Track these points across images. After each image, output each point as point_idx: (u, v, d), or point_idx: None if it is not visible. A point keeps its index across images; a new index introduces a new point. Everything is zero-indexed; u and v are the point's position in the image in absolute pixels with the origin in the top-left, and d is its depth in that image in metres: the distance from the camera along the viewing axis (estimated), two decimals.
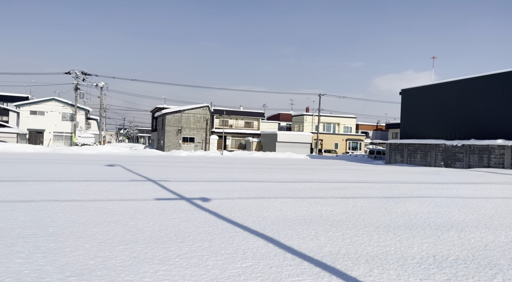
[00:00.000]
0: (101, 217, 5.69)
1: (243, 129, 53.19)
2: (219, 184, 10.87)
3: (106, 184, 9.91)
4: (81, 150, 34.36)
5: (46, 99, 46.26)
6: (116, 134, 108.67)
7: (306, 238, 4.79)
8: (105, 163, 18.78)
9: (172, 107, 47.89)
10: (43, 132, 45.98)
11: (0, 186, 8.69)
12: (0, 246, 3.99)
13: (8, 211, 5.86)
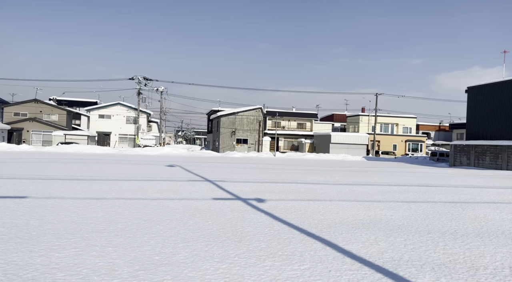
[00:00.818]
0: (164, 215, 6.00)
1: (296, 131, 52.91)
2: (273, 185, 10.92)
3: (167, 183, 10.43)
4: (143, 151, 36.48)
5: (112, 103, 49.84)
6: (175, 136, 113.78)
7: (365, 243, 4.65)
8: (165, 163, 19.76)
9: (227, 110, 49.07)
10: (109, 134, 49.55)
11: (75, 184, 9.52)
12: (78, 240, 4.37)
13: (82, 207, 6.41)
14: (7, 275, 3.17)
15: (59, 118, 48.74)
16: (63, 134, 44.91)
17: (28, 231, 4.66)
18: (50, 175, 11.37)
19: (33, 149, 35.38)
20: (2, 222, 5.06)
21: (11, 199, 6.87)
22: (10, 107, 48.19)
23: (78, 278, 3.16)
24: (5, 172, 11.86)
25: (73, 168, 14.60)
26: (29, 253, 3.78)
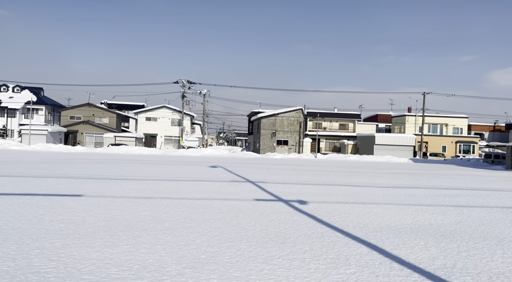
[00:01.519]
0: (208, 215, 6.14)
1: (338, 132, 51.89)
2: (315, 187, 10.79)
3: (210, 184, 10.66)
4: (187, 152, 37.57)
5: (158, 106, 51.85)
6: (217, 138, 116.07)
7: (414, 248, 4.46)
8: (208, 164, 20.21)
9: (267, 111, 49.23)
10: (156, 136, 51.58)
11: (125, 184, 10.01)
12: (129, 237, 4.60)
13: (132, 206, 6.72)
14: (67, 268, 3.41)
15: (110, 121, 51.47)
16: (113, 136, 47.36)
17: (84, 228, 4.97)
18: (102, 175, 12.05)
19: (86, 150, 37.66)
20: (62, 218, 5.44)
21: (68, 197, 7.36)
22: (66, 111, 51.62)
23: (130, 274, 3.32)
24: (63, 171, 12.73)
25: (123, 168, 15.36)
26: (85, 248, 4.03)
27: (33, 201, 6.80)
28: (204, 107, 50.04)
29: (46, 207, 6.28)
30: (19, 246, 3.99)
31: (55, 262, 3.55)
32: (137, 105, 63.42)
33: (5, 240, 4.22)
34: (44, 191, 8.07)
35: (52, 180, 10.01)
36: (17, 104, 46.78)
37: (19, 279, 3.09)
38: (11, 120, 47.44)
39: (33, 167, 14.04)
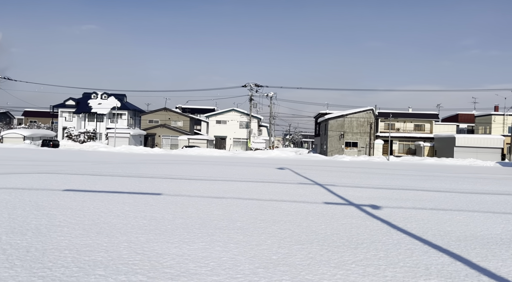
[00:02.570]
0: (278, 216, 6.20)
1: (412, 133, 48.75)
2: (388, 191, 10.28)
3: (279, 185, 10.75)
4: (255, 154, 38.29)
5: (227, 110, 53.69)
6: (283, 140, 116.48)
7: (507, 261, 4.03)
8: (275, 166, 20.38)
9: (335, 112, 48.10)
10: (225, 138, 53.42)
11: (199, 184, 10.54)
12: (204, 235, 4.84)
13: (206, 205, 7.06)
14: (151, 261, 3.70)
15: (184, 124, 54.50)
16: (187, 138, 50.08)
17: (164, 224, 5.34)
18: (178, 175, 12.82)
19: (163, 152, 40.35)
20: (144, 215, 5.91)
21: (149, 195, 7.97)
22: (146, 115, 55.83)
23: (207, 270, 3.50)
24: (144, 171, 13.81)
25: (196, 169, 16.18)
26: (166, 244, 4.34)
27: (120, 198, 7.48)
28: (271, 110, 50.54)
29: (130, 204, 6.87)
30: (110, 239, 4.43)
31: (140, 255, 3.88)
32: (208, 109, 66.33)
33: (99, 233, 4.71)
34: (129, 189, 8.83)
35: (135, 179, 10.91)
36: (105, 110, 51.80)
37: (111, 269, 3.43)
38: (100, 124, 52.66)
39: (119, 167, 15.44)
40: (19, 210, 5.87)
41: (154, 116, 55.35)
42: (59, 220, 5.29)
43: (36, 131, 49.65)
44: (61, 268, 3.37)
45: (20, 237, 4.36)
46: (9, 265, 3.40)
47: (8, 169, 13.17)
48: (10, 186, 8.52)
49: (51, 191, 7.95)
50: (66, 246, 4.06)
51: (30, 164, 16.66)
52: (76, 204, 6.63)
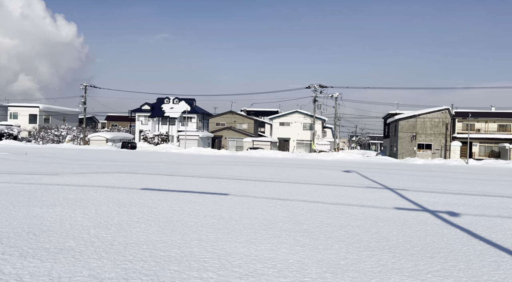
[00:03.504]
0: (345, 221, 6.04)
1: (496, 134, 44.11)
2: (468, 197, 9.44)
3: (345, 189, 10.46)
4: (319, 156, 37.69)
5: (290, 112, 53.66)
6: (349, 142, 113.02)
7: None
8: (341, 168, 19.85)
9: (406, 113, 45.42)
10: (288, 140, 53.42)
11: (264, 185, 10.68)
12: (270, 236, 4.89)
13: (271, 206, 7.12)
14: (220, 260, 3.84)
15: (248, 127, 55.65)
16: (251, 140, 51.01)
17: (232, 224, 5.50)
18: (244, 176, 13.12)
19: (229, 153, 41.58)
20: (213, 214, 6.15)
21: (218, 195, 8.27)
22: (213, 118, 58.08)
23: (274, 271, 3.53)
24: (212, 172, 14.37)
25: (261, 170, 16.41)
26: (234, 243, 4.46)
27: (191, 197, 7.87)
28: (336, 111, 49.38)
29: (200, 203, 7.19)
30: (182, 236, 4.69)
31: (210, 253, 4.04)
32: (272, 111, 66.91)
33: (172, 230, 5.01)
34: (199, 189, 9.25)
35: (204, 180, 11.41)
36: (176, 114, 54.95)
37: (184, 265, 3.63)
38: (172, 127, 55.98)
39: (189, 168, 16.26)
40: (104, 206, 6.47)
41: (220, 119, 57.35)
42: (138, 217, 5.72)
43: (116, 134, 54.34)
44: (140, 262, 3.64)
45: (105, 231, 4.81)
46: (97, 256, 3.77)
47: (94, 169, 14.60)
48: (96, 184, 9.42)
49: (130, 190, 8.63)
50: (144, 241, 4.38)
51: (112, 164, 18.28)
52: (152, 202, 7.12)
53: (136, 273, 3.34)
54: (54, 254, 3.78)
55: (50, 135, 52.42)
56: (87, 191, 8.18)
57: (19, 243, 4.10)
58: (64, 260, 3.59)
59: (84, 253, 3.85)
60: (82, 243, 4.21)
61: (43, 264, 3.46)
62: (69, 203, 6.68)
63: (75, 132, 53.81)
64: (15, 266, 3.38)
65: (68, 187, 8.62)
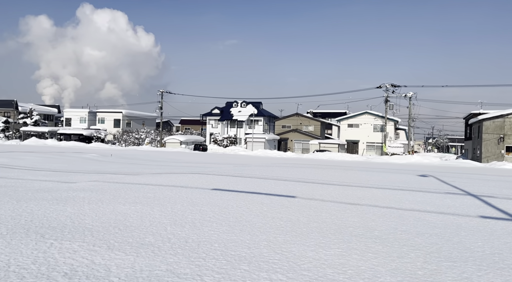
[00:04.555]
0: (421, 228, 5.65)
1: None
2: None
3: (421, 194, 9.79)
4: (391, 159, 35.78)
5: (360, 113, 51.79)
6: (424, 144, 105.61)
7: None
8: (416, 172, 18.62)
9: (491, 112, 41.09)
10: (357, 142, 51.59)
11: (332, 188, 10.45)
12: (340, 241, 4.76)
13: (340, 210, 6.94)
14: (289, 262, 3.84)
15: (315, 129, 54.94)
16: (318, 142, 50.27)
17: (299, 227, 5.47)
18: (311, 179, 12.98)
19: (295, 156, 41.45)
20: (281, 216, 6.18)
21: (284, 198, 8.29)
22: (279, 121, 58.40)
23: (345, 277, 3.43)
24: (278, 174, 14.45)
25: (329, 173, 16.08)
26: (302, 246, 4.43)
27: (258, 198, 8.00)
28: (410, 111, 46.54)
29: (268, 204, 7.27)
30: (251, 237, 4.78)
31: (279, 254, 4.06)
32: (339, 112, 65.25)
33: (242, 230, 5.14)
34: (266, 190, 9.37)
35: (271, 182, 11.52)
36: (244, 117, 56.36)
37: (254, 265, 3.69)
38: (239, 130, 57.52)
39: (256, 170, 16.54)
40: (179, 205, 6.86)
41: (286, 121, 57.45)
42: (209, 216, 5.97)
43: (189, 137, 57.42)
44: (212, 260, 3.80)
45: (180, 228, 5.10)
46: (173, 252, 4.01)
47: (170, 170, 15.58)
48: (172, 184, 10.04)
49: (202, 190, 9.05)
50: (216, 240, 4.55)
51: (185, 165, 19.33)
52: (222, 202, 7.38)
53: (209, 270, 3.48)
54: (136, 248, 4.10)
55: (132, 138, 57.17)
56: (163, 190, 8.75)
57: (106, 237, 4.53)
58: (145, 254, 3.88)
59: (162, 248, 4.12)
60: (160, 239, 4.52)
61: (127, 257, 3.78)
62: (148, 201, 7.21)
63: (153, 135, 57.97)
64: (104, 258, 3.74)
65: (147, 186, 9.31)
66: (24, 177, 10.90)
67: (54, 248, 3.97)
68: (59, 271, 3.31)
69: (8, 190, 8.06)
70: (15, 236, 4.39)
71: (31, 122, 64.21)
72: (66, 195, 7.61)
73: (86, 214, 5.77)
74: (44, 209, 6.02)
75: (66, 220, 5.32)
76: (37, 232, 4.59)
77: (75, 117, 68.36)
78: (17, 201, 6.67)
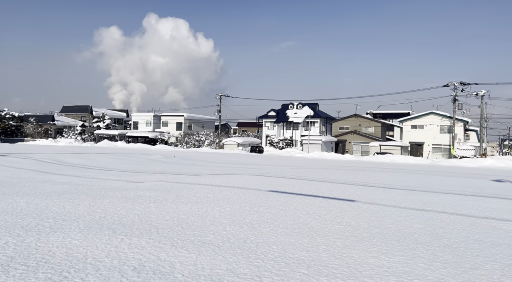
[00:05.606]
0: (497, 238, 5.16)
1: None
2: None
3: (496, 201, 8.94)
4: (460, 163, 33.20)
5: (424, 113, 48.78)
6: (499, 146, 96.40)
7: None
8: (490, 177, 17.06)
9: None
10: (422, 144, 48.62)
11: (394, 193, 9.96)
12: (404, 248, 4.52)
13: (404, 216, 6.58)
14: (349, 268, 3.72)
15: (375, 130, 52.86)
16: (378, 145, 48.26)
17: (360, 232, 5.29)
18: (371, 183, 12.49)
19: (353, 158, 40.21)
20: (339, 220, 6.02)
21: (343, 201, 8.08)
22: (336, 122, 57.11)
23: None
24: (336, 177, 14.12)
25: (390, 177, 15.35)
26: (363, 252, 4.28)
27: (316, 201, 7.88)
28: (482, 111, 42.83)
29: (326, 208, 7.14)
30: (309, 240, 4.72)
31: (339, 260, 3.96)
32: (402, 113, 62.05)
33: (299, 233, 5.10)
34: (323, 193, 9.20)
35: (328, 185, 11.29)
36: (299, 119, 56.01)
37: (313, 269, 3.64)
38: (295, 132, 57.26)
39: (313, 172, 16.32)
40: (237, 206, 7.01)
41: (344, 123, 55.95)
42: (267, 217, 6.01)
43: (246, 139, 58.39)
44: (271, 262, 3.81)
45: (239, 229, 5.20)
46: (232, 252, 4.10)
47: (228, 171, 15.97)
48: (230, 185, 10.28)
49: (259, 191, 9.14)
50: (274, 242, 4.57)
51: (243, 166, 19.69)
52: (279, 204, 7.39)
53: (267, 272, 3.51)
54: (197, 246, 4.26)
55: (192, 140, 59.66)
56: (222, 190, 8.99)
57: (170, 234, 4.76)
58: (206, 253, 4.02)
59: (222, 248, 4.23)
60: (220, 238, 4.64)
61: (190, 255, 3.94)
62: (208, 201, 7.46)
63: (212, 137, 59.93)
64: (169, 254, 3.94)
65: (207, 187, 9.63)
66: (98, 177, 11.89)
67: (124, 244, 4.26)
68: (129, 265, 3.55)
69: (85, 189, 8.84)
70: (91, 230, 4.80)
71: (103, 125, 69.96)
72: (134, 193, 8.14)
73: (152, 212, 6.13)
74: (115, 207, 6.51)
75: (134, 217, 5.70)
76: (109, 228, 4.97)
77: (142, 121, 73.12)
78: (92, 199, 7.29)
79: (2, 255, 3.70)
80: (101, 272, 3.33)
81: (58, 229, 4.81)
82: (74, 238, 4.39)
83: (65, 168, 14.74)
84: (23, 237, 4.35)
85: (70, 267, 3.43)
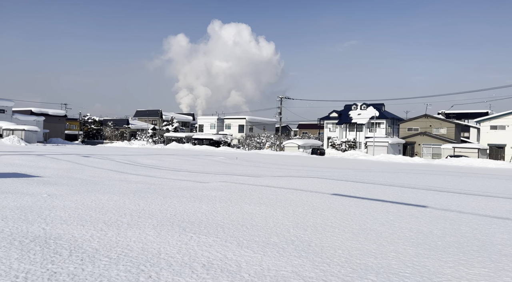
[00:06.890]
0: None
1: None
2: None
3: None
4: None
5: (506, 113, 44.17)
6: None
7: None
8: None
9: None
10: (504, 147, 44.08)
11: (472, 199, 9.16)
12: (485, 259, 4.13)
13: (484, 225, 6.02)
14: (423, 277, 3.50)
15: (447, 132, 49.15)
16: (451, 147, 44.79)
17: (433, 240, 4.94)
18: (444, 187, 11.63)
19: (424, 161, 37.76)
20: (410, 227, 5.69)
21: (413, 207, 7.62)
22: (404, 123, 54.11)
23: None
24: (405, 181, 13.38)
25: (466, 182, 14.14)
26: (438, 261, 4.00)
27: (383, 206, 7.54)
28: None
29: (394, 213, 6.79)
30: (377, 246, 4.53)
31: (410, 268, 3.75)
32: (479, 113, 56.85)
33: (366, 238, 4.92)
34: (391, 198, 8.77)
35: (396, 189, 10.73)
36: (363, 120, 54.06)
37: (382, 276, 3.49)
38: (359, 134, 55.39)
39: (379, 175, 15.64)
40: (300, 208, 6.97)
41: (413, 124, 52.76)
42: (331, 221, 5.89)
43: (307, 141, 57.82)
44: (337, 267, 3.73)
45: (303, 231, 5.17)
46: (297, 254, 4.09)
47: (289, 173, 15.96)
48: (292, 187, 10.27)
49: (322, 194, 8.99)
50: (339, 246, 4.46)
51: (304, 169, 19.53)
52: (343, 208, 7.20)
53: (334, 276, 3.44)
54: (262, 247, 4.32)
55: (254, 142, 60.62)
56: (284, 192, 9.00)
57: (236, 234, 4.89)
58: (271, 254, 4.06)
59: (286, 250, 4.24)
60: (284, 240, 4.66)
61: (255, 255, 4.01)
62: (271, 202, 7.52)
63: (273, 139, 60.32)
64: (235, 253, 4.05)
65: (270, 188, 9.72)
66: (168, 177, 12.62)
67: (193, 241, 4.47)
68: (198, 262, 3.72)
69: (156, 188, 9.43)
70: (163, 227, 5.11)
71: (172, 128, 74.19)
72: (201, 193, 8.50)
73: (218, 212, 6.35)
74: (184, 206, 6.85)
75: (202, 216, 5.95)
76: (179, 226, 5.25)
77: (206, 124, 76.19)
78: (163, 197, 7.75)
79: (88, 247, 4.10)
80: (173, 268, 3.53)
81: (134, 225, 5.20)
82: (149, 234, 4.71)
83: (138, 168, 15.89)
84: (105, 231, 4.77)
85: (146, 261, 3.68)
